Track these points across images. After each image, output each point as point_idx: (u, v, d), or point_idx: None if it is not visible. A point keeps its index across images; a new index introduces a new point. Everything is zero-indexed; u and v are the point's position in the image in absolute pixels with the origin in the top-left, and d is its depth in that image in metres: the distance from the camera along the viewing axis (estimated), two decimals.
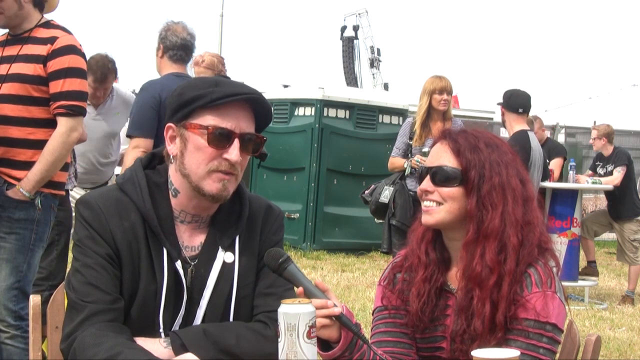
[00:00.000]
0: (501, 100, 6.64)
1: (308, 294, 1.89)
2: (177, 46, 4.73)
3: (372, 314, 2.29)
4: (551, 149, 8.85)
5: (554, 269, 2.10)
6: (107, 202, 2.00)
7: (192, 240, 2.05)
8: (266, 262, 1.98)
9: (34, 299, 2.21)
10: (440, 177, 2.13)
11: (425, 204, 2.15)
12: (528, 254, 2.08)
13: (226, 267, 2.04)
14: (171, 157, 2.03)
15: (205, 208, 2.05)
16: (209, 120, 1.97)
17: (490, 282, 2.04)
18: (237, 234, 2.07)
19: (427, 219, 2.14)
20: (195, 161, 1.98)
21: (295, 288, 1.94)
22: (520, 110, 6.59)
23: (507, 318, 2.03)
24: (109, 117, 5.57)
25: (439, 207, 2.12)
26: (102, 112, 5.53)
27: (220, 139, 1.96)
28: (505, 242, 2.07)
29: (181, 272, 1.99)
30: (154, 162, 2.11)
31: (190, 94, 1.98)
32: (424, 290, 2.15)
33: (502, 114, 6.65)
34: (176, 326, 2.00)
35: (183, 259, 2.02)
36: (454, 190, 2.11)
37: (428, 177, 2.15)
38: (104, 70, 5.37)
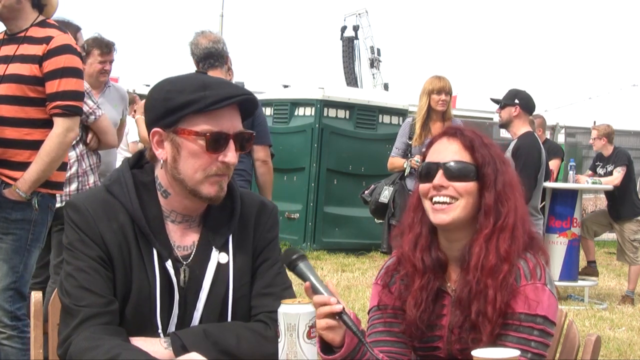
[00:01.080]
0: (514, 100, 6.50)
1: (314, 290, 1.88)
2: (202, 57, 4.91)
3: (368, 313, 2.27)
4: (549, 149, 8.85)
5: (543, 259, 2.12)
6: (95, 204, 1.98)
7: (183, 239, 2.04)
8: (281, 259, 1.99)
9: (35, 296, 2.21)
10: (455, 172, 2.10)
11: (437, 199, 2.11)
12: (522, 243, 2.12)
13: (221, 268, 2.02)
14: (161, 161, 2.00)
15: (196, 208, 2.04)
16: (202, 125, 1.93)
17: (503, 272, 2.06)
18: (230, 233, 2.05)
19: (442, 217, 2.10)
20: (191, 167, 1.96)
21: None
22: (533, 112, 6.63)
23: (505, 307, 2.05)
24: (108, 106, 5.56)
25: (454, 203, 2.10)
26: (103, 100, 5.51)
27: (217, 143, 1.94)
28: (516, 234, 2.10)
29: (171, 271, 1.98)
30: (142, 161, 2.09)
31: (180, 100, 1.93)
32: (422, 299, 2.14)
33: (516, 115, 6.36)
34: (171, 326, 1.99)
35: (174, 258, 2.00)
36: (470, 185, 2.11)
37: (440, 172, 2.11)
38: (106, 41, 5.46)
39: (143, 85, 15.54)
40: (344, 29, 33.32)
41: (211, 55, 4.88)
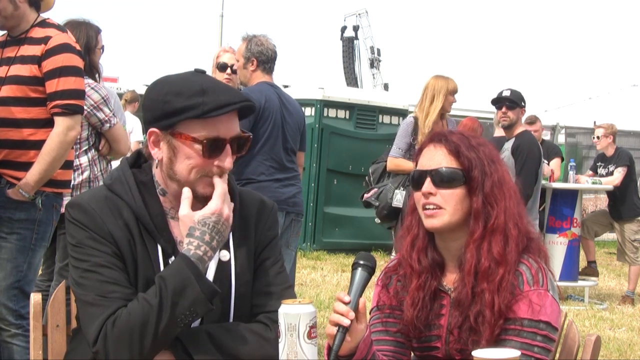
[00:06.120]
0: (521, 102, 6.65)
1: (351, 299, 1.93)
2: (271, 59, 4.95)
3: (369, 313, 2.28)
4: (548, 150, 8.86)
5: (543, 261, 2.12)
6: (99, 202, 1.99)
7: None
8: (357, 256, 2.02)
9: (35, 298, 2.21)
10: (442, 178, 2.11)
11: (427, 206, 2.13)
12: (521, 242, 2.12)
13: (222, 266, 2.03)
14: (156, 161, 2.01)
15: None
16: (199, 130, 1.93)
17: (499, 274, 2.06)
18: (229, 231, 2.05)
19: (432, 222, 2.12)
20: (185, 169, 1.96)
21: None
22: None
23: (505, 308, 2.05)
24: None
25: (442, 210, 2.11)
26: None
27: (213, 149, 1.94)
28: (508, 235, 2.10)
29: None
30: (140, 160, 2.10)
31: (178, 104, 1.93)
32: (419, 298, 2.15)
33: (519, 117, 6.68)
34: None
35: (178, 254, 2.01)
36: (457, 192, 2.11)
37: (429, 179, 2.12)
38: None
39: (143, 85, 15.53)
40: (344, 29, 33.27)
41: (275, 59, 4.95)
